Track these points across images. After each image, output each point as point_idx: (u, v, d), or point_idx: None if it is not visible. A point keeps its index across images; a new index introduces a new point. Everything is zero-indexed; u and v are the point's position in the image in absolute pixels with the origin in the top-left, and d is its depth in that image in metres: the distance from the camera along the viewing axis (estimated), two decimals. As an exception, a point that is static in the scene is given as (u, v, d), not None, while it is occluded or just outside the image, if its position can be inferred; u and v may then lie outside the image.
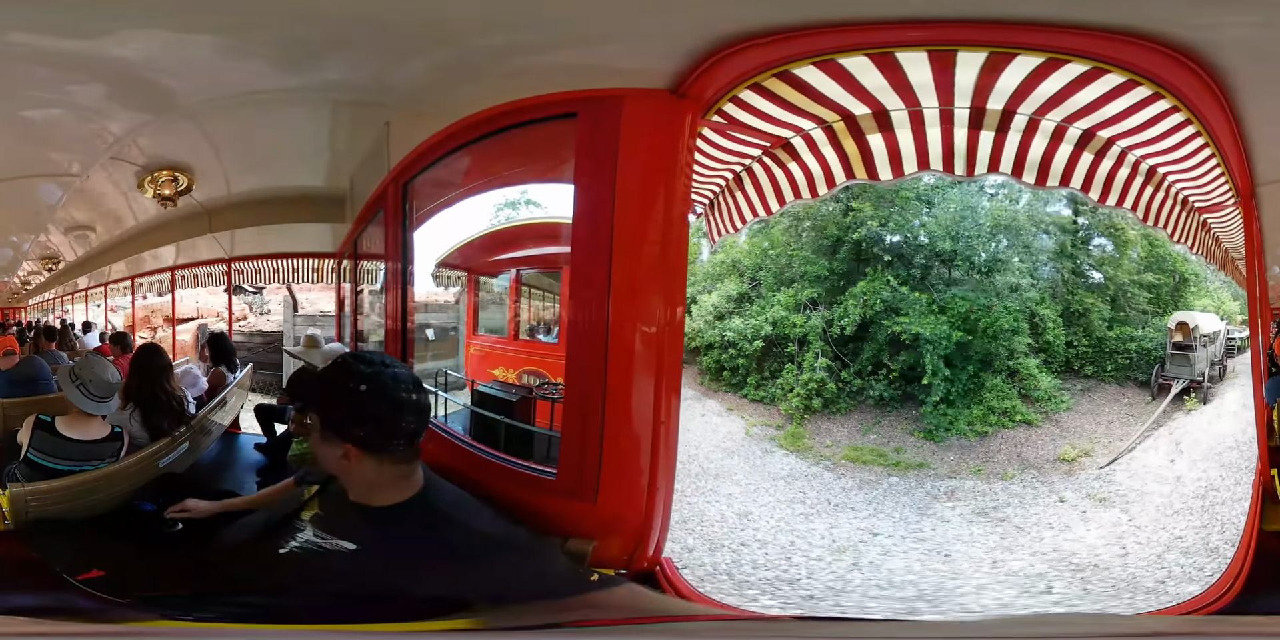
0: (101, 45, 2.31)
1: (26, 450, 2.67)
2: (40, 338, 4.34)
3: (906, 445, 6.55)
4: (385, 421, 1.90)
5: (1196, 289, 8.22)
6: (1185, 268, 8.04)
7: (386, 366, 1.96)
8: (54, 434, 2.70)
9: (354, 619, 1.91)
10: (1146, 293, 7.93)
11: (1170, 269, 8.00)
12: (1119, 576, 4.15)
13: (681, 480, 2.62)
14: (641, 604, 2.17)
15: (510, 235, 3.40)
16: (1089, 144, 2.96)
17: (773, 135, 2.93)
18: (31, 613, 2.01)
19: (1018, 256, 7.47)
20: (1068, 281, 7.74)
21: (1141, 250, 7.94)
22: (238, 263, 4.26)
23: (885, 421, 6.81)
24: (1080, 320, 7.56)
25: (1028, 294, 7.25)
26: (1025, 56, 2.31)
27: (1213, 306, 8.12)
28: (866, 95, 2.61)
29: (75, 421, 2.76)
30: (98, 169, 3.30)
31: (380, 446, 1.91)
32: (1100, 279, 7.86)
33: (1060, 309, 7.50)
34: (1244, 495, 4.51)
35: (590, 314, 2.30)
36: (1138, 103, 2.47)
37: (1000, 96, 2.65)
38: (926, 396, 6.60)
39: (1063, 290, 7.67)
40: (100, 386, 2.76)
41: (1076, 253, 7.84)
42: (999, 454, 6.45)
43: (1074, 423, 6.84)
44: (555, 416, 2.91)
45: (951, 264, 7.27)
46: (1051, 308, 7.40)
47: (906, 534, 5.18)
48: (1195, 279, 8.14)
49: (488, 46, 2.26)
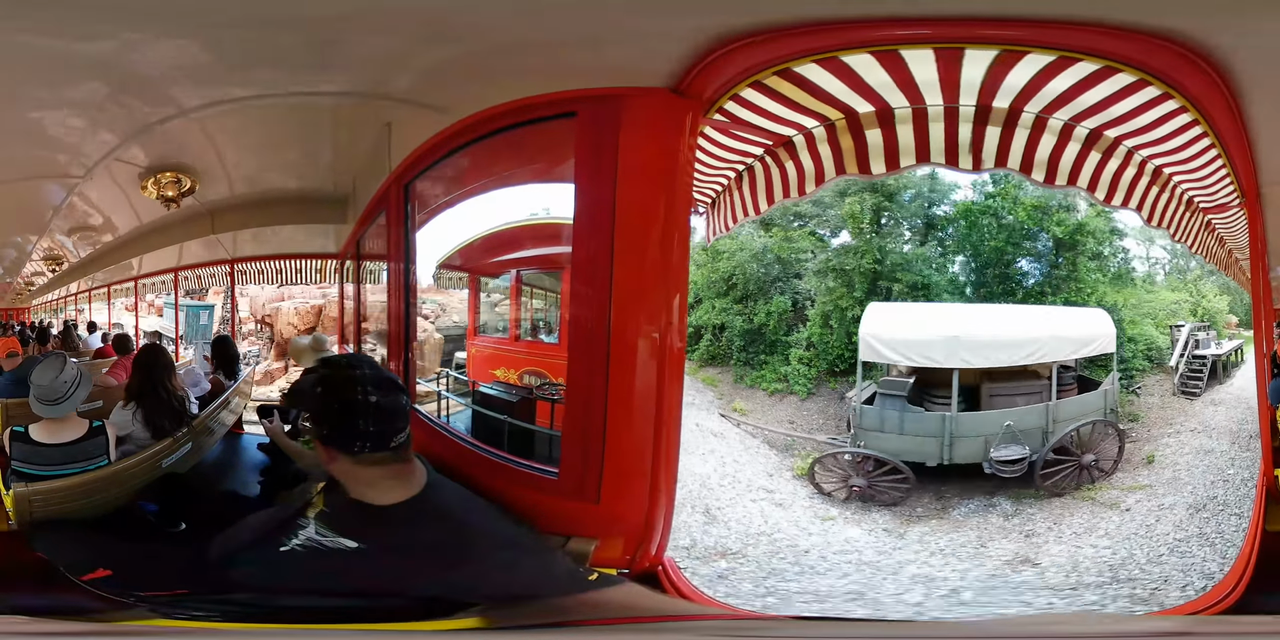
0: (105, 46, 2.31)
1: (10, 460, 2.67)
2: (43, 339, 4.36)
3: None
4: (342, 423, 1.93)
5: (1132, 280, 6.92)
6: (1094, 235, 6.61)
7: (348, 369, 1.99)
8: (28, 442, 2.69)
9: (354, 618, 1.92)
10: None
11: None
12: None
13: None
14: (641, 604, 2.16)
15: (510, 236, 3.40)
16: (1096, 143, 2.95)
17: (775, 133, 2.93)
18: (32, 612, 2.02)
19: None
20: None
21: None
22: (240, 264, 4.26)
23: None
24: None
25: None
26: (1035, 54, 2.30)
27: (1189, 302, 7.27)
28: (870, 92, 2.60)
29: (48, 426, 2.73)
30: (100, 170, 3.31)
31: (346, 447, 1.94)
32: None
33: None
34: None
35: (592, 313, 2.30)
36: (1146, 102, 2.47)
37: (1007, 94, 2.64)
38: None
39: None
40: (44, 391, 2.70)
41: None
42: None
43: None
44: (555, 417, 2.92)
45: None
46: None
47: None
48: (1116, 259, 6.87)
49: (488, 46, 2.26)
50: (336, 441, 1.94)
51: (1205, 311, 7.18)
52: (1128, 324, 6.56)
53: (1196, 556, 4.03)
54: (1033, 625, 2.54)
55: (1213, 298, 7.29)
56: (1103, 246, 6.74)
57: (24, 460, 2.67)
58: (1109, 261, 6.86)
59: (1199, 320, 7.00)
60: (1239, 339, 6.85)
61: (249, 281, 4.35)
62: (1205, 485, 4.82)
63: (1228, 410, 6.08)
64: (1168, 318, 6.93)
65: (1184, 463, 5.21)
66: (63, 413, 2.73)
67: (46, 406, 2.71)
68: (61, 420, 2.75)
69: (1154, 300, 7.08)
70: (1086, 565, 4.16)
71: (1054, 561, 4.25)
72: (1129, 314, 6.63)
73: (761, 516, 4.90)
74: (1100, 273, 6.74)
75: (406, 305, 3.24)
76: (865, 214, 6.62)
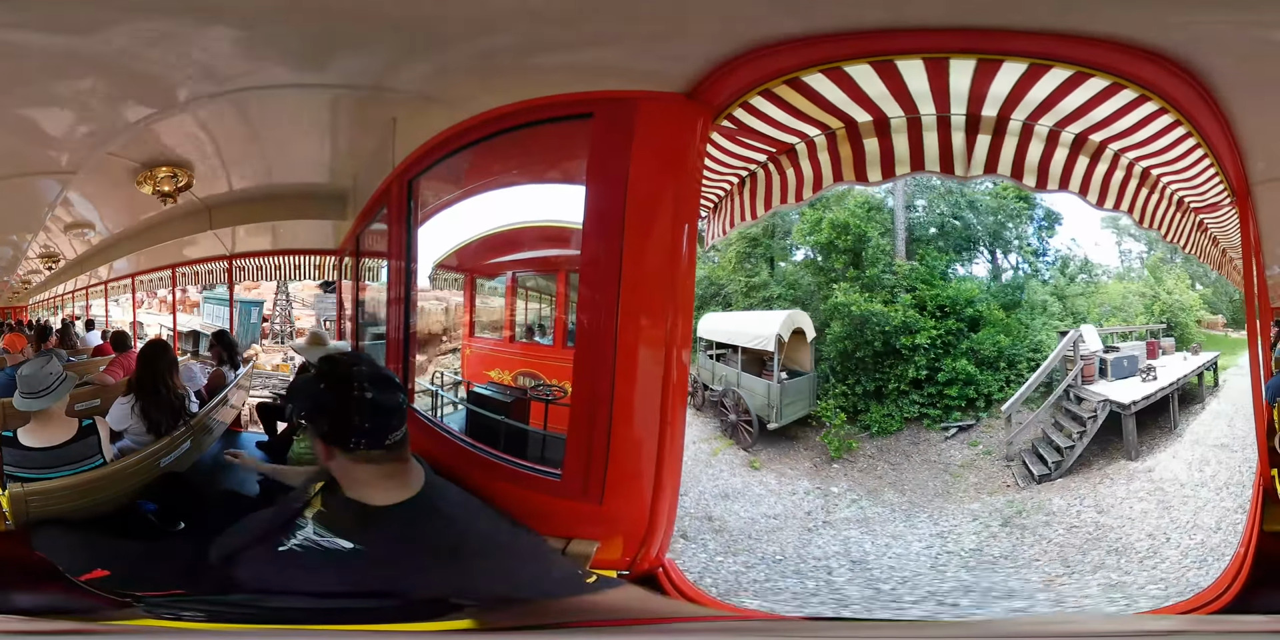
0: (100, 40, 2.29)
1: (3, 465, 2.65)
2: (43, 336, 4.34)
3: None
4: (340, 418, 1.93)
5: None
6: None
7: (349, 364, 2.00)
8: (18, 447, 2.67)
9: (352, 619, 1.91)
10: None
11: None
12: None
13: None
14: (640, 606, 2.16)
15: (507, 238, 3.40)
16: (1083, 147, 2.95)
17: (779, 141, 2.93)
18: (31, 612, 2.01)
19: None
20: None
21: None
22: (239, 260, 4.25)
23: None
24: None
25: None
26: (1011, 62, 2.33)
27: (1165, 297, 5.64)
28: (869, 102, 2.63)
29: (36, 429, 2.71)
30: (96, 166, 3.29)
31: (342, 443, 1.94)
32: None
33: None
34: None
35: (599, 316, 2.30)
36: (1126, 106, 2.49)
37: (994, 103, 2.66)
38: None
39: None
40: (30, 382, 2.68)
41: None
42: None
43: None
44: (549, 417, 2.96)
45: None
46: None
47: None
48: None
49: (503, 44, 2.25)
50: (333, 437, 1.95)
51: (1165, 307, 5.47)
52: (985, 332, 5.36)
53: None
54: (1032, 625, 2.55)
55: (1176, 289, 5.45)
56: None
57: (15, 465, 2.65)
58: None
59: (1157, 319, 5.31)
60: (1210, 351, 4.96)
61: (246, 278, 4.33)
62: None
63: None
64: (1106, 318, 5.46)
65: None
66: (44, 405, 2.70)
67: (28, 399, 2.69)
68: (50, 422, 2.73)
69: (1097, 294, 5.69)
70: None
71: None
72: (994, 315, 5.47)
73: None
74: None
75: (406, 303, 3.22)
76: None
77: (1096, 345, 4.72)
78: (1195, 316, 5.66)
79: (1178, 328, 5.52)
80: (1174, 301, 5.65)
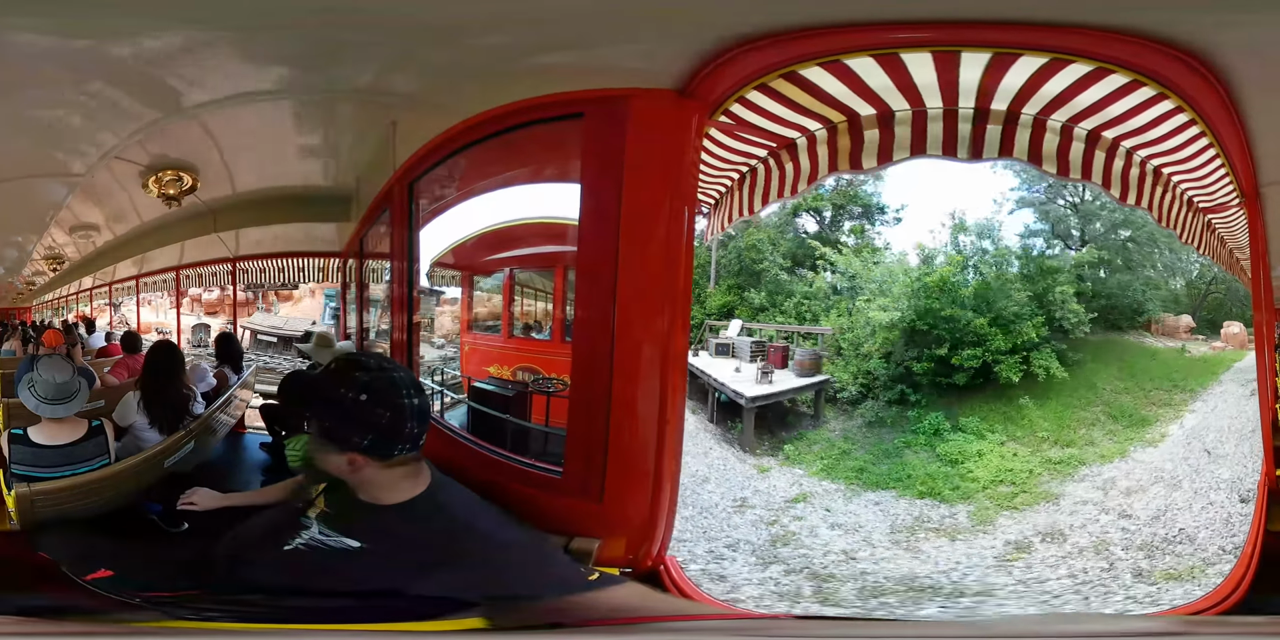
0: (106, 44, 2.31)
1: (10, 463, 2.65)
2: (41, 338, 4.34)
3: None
4: (388, 429, 1.88)
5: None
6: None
7: (385, 371, 1.93)
8: (28, 444, 2.67)
9: (357, 619, 1.91)
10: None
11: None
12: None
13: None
14: (642, 604, 2.15)
15: (504, 235, 3.42)
16: (1098, 143, 2.93)
17: (779, 136, 2.92)
18: (33, 613, 2.01)
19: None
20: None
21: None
22: (242, 262, 4.26)
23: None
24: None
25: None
26: (1029, 57, 2.29)
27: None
28: (872, 96, 2.60)
29: (47, 428, 2.71)
30: (101, 169, 3.30)
31: (386, 454, 1.90)
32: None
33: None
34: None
35: (596, 313, 2.30)
36: (1141, 103, 2.46)
37: (1004, 97, 2.63)
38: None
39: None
40: (47, 388, 2.68)
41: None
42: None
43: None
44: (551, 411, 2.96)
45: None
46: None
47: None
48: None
49: (494, 46, 2.26)
50: (376, 449, 1.88)
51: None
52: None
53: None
54: (1032, 625, 2.53)
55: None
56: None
57: (24, 463, 2.66)
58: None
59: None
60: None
61: (251, 280, 4.34)
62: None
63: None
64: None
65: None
66: (68, 413, 2.72)
67: (52, 406, 2.69)
68: (61, 421, 2.73)
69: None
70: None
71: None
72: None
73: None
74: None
75: (409, 304, 3.23)
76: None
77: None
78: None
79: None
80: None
